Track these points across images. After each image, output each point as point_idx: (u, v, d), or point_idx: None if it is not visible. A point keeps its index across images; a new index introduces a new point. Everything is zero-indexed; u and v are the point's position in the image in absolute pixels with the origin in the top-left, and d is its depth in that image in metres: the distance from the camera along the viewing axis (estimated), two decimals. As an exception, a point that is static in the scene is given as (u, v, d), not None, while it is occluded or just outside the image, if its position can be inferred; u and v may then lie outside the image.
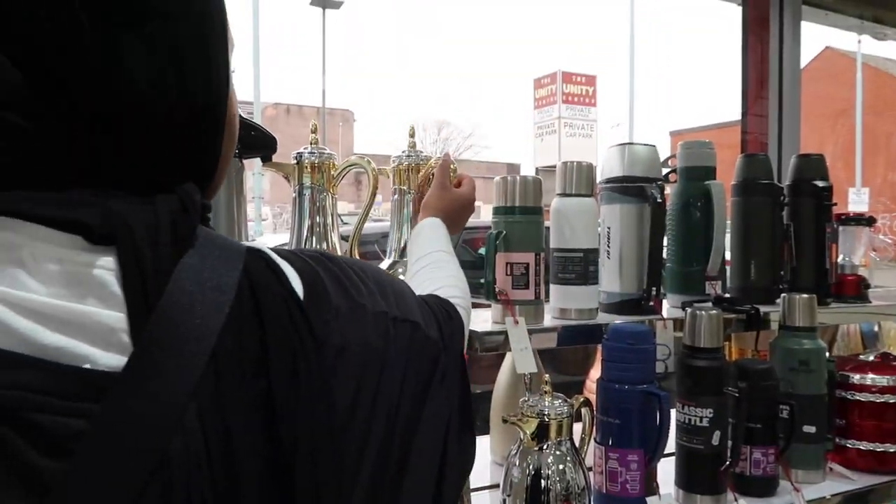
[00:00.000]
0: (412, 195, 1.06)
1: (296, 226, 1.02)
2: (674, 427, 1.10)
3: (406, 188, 1.06)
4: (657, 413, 1.02)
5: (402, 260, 1.04)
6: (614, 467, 1.03)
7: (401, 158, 1.07)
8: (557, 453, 0.98)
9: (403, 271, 1.03)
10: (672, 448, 1.11)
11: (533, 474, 0.97)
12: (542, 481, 0.95)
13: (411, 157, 1.07)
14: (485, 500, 1.15)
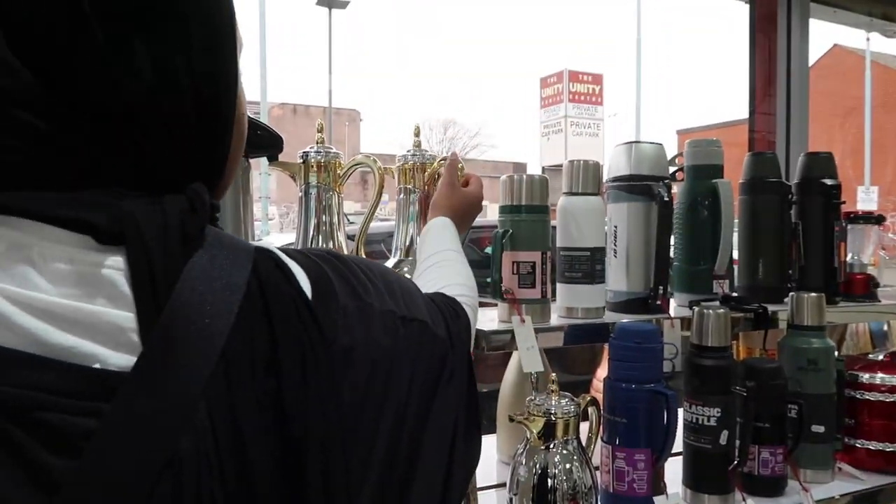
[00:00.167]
0: (417, 194, 1.06)
1: (302, 225, 1.02)
2: (681, 426, 1.10)
3: (411, 187, 1.06)
4: (664, 412, 1.02)
5: (408, 258, 1.04)
6: (621, 466, 1.03)
7: (406, 157, 1.07)
8: (564, 452, 0.98)
9: (409, 269, 1.03)
10: (679, 447, 1.11)
11: (539, 473, 0.96)
12: (548, 480, 0.95)
13: (416, 156, 1.07)
14: (491, 498, 1.15)
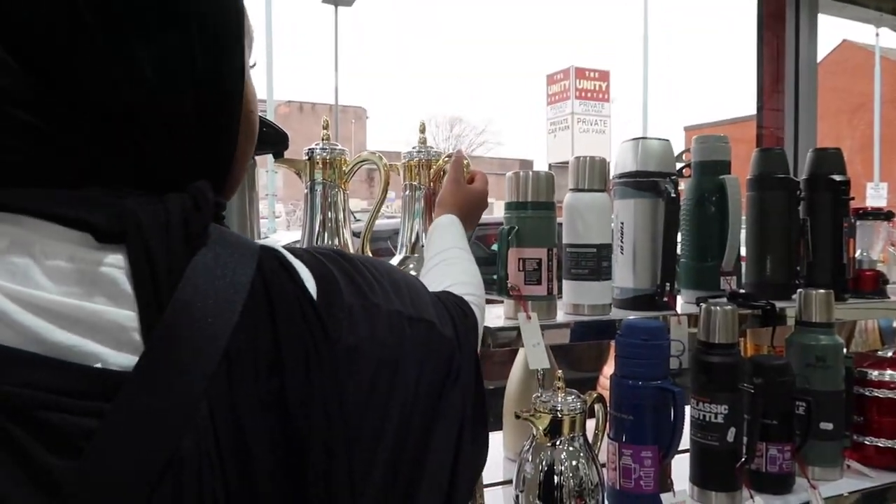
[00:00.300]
0: (423, 191, 1.06)
1: (307, 221, 1.02)
2: (688, 423, 1.09)
3: (417, 184, 1.06)
4: (671, 409, 1.01)
5: (414, 255, 1.04)
6: (628, 464, 1.02)
7: (411, 154, 1.07)
8: (570, 449, 0.97)
9: (415, 266, 1.03)
10: (686, 444, 1.10)
11: (546, 470, 0.96)
12: (554, 477, 0.95)
13: (422, 152, 1.07)
14: (498, 495, 1.15)
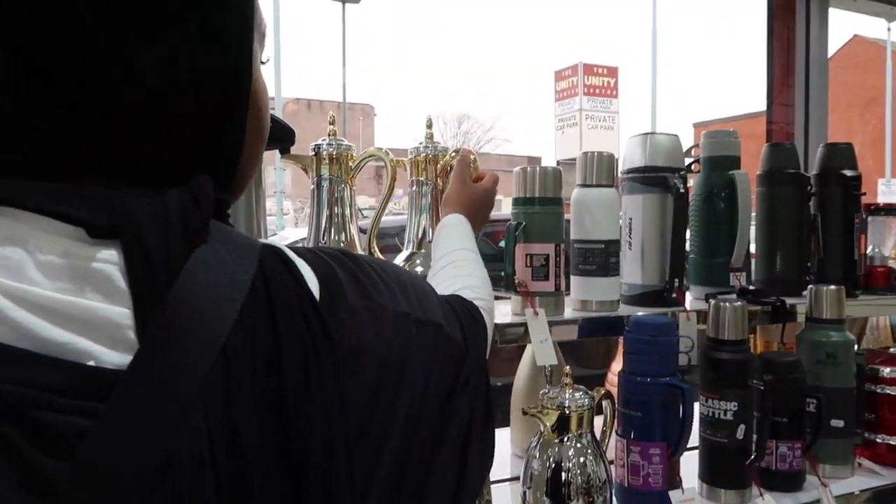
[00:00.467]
0: (430, 186, 1.05)
1: (314, 217, 1.02)
2: (697, 421, 1.09)
3: (424, 179, 1.06)
4: (680, 406, 1.01)
5: (420, 251, 1.04)
6: (636, 460, 1.02)
7: (418, 150, 1.07)
8: (578, 446, 0.97)
9: (422, 262, 1.03)
10: (695, 442, 1.10)
11: (553, 467, 0.96)
12: (562, 474, 0.94)
13: (428, 148, 1.06)
14: (505, 492, 1.14)
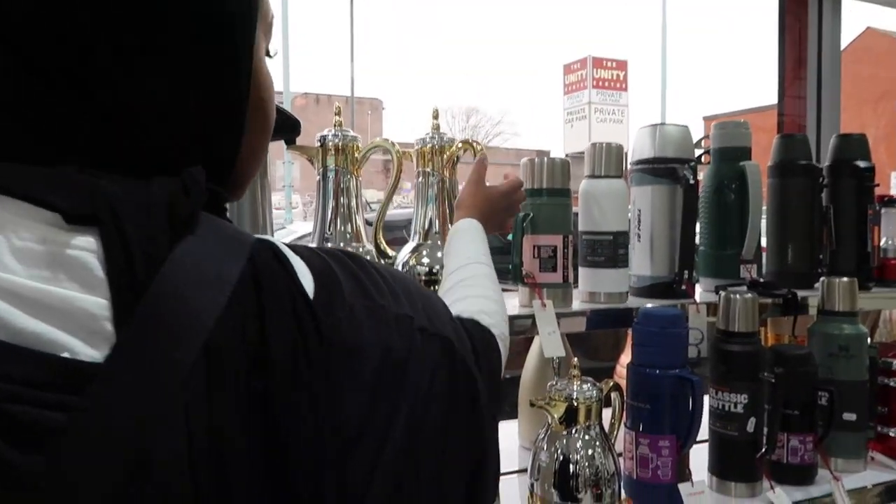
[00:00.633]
0: (436, 177, 1.05)
1: (320, 208, 1.01)
2: (707, 414, 1.08)
3: (430, 170, 1.05)
4: (690, 398, 1.00)
5: (427, 242, 1.03)
6: (645, 453, 1.01)
7: (424, 140, 1.06)
8: (586, 438, 0.96)
9: (428, 253, 1.02)
10: (705, 435, 1.09)
11: (561, 459, 0.95)
12: (570, 466, 0.94)
13: (435, 138, 1.05)
14: (513, 484, 1.14)
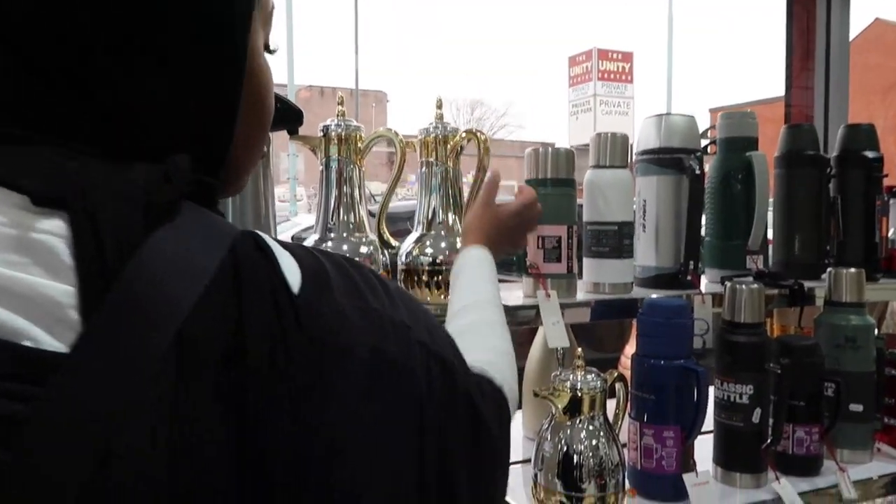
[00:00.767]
0: (440, 167, 1.04)
1: (323, 198, 1.01)
2: (712, 404, 1.07)
3: (434, 160, 1.05)
4: (694, 389, 0.99)
5: (430, 233, 1.03)
6: (649, 443, 1.01)
7: (428, 130, 1.05)
8: (590, 428, 0.96)
9: (431, 244, 1.02)
10: (710, 426, 1.08)
11: (565, 449, 0.95)
12: (574, 456, 0.93)
13: (438, 128, 1.05)
14: (516, 474, 1.13)
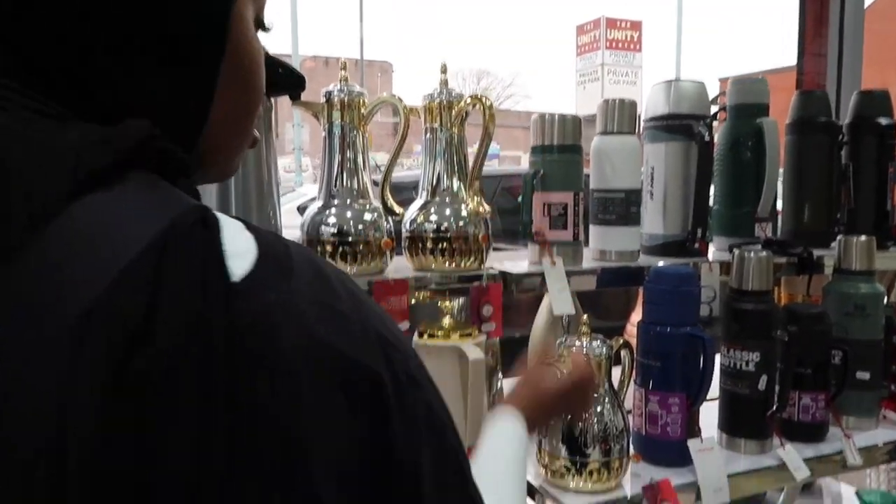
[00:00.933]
0: (445, 133, 1.03)
1: (326, 164, 0.99)
2: (718, 371, 1.07)
3: (438, 126, 1.03)
4: (700, 356, 0.99)
5: (435, 199, 1.01)
6: (654, 410, 1.01)
7: (432, 96, 1.04)
8: (595, 395, 0.95)
9: (436, 210, 1.00)
10: (715, 393, 1.08)
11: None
12: (578, 422, 0.93)
13: (443, 94, 1.03)
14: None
